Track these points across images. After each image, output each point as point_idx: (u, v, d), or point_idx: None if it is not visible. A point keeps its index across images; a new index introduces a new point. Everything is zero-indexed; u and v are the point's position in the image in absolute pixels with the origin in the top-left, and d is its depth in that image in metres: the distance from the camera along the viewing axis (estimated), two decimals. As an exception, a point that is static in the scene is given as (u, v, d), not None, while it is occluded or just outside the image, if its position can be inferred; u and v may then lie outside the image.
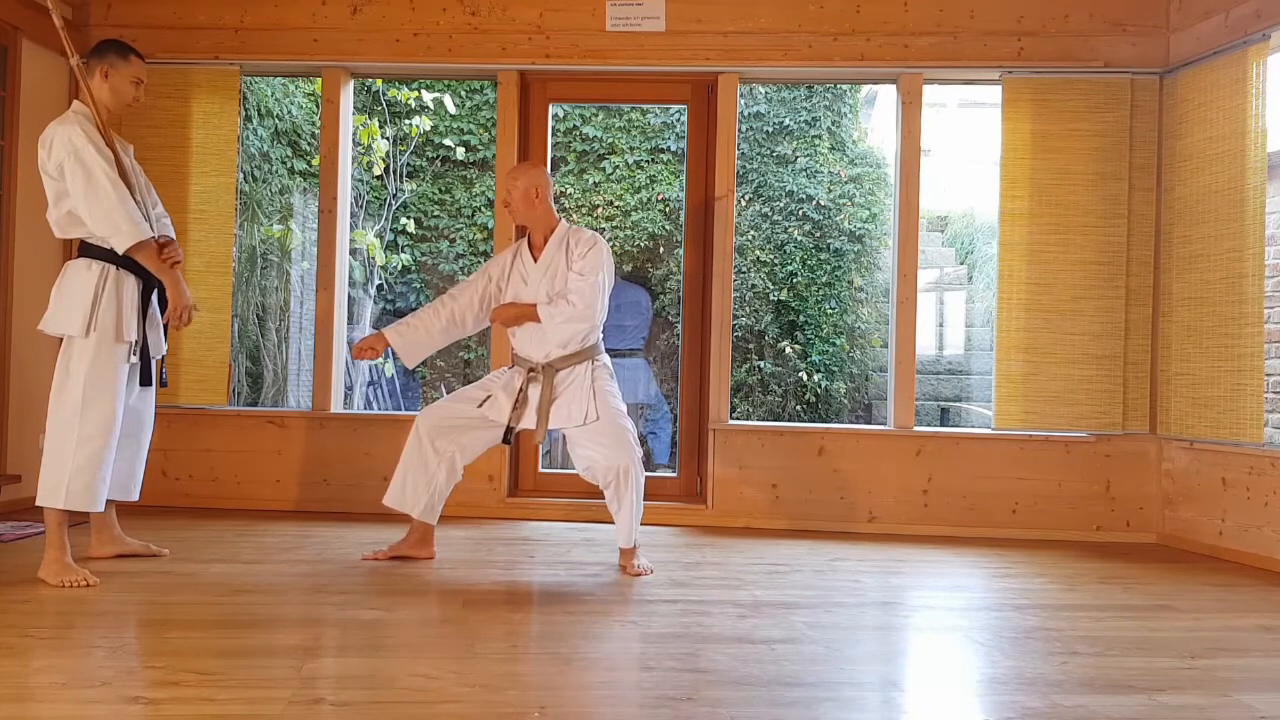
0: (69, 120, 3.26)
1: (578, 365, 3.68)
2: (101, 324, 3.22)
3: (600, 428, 3.62)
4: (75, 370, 3.23)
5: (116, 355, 3.26)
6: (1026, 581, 3.71)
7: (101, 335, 3.23)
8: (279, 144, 7.03)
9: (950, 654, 2.79)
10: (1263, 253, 4.18)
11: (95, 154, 3.20)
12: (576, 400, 3.64)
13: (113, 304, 3.24)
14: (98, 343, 3.22)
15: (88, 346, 3.22)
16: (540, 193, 3.71)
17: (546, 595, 3.35)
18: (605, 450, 3.61)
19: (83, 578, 3.21)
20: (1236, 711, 2.29)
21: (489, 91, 7.84)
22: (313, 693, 2.23)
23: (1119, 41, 4.75)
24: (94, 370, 3.22)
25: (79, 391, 3.20)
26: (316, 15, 4.90)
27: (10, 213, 4.52)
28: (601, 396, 3.65)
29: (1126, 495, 4.70)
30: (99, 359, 3.23)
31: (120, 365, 3.28)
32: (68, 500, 3.21)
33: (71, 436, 3.20)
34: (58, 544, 3.24)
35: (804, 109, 7.98)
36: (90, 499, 3.24)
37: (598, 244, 3.70)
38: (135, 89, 3.41)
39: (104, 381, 3.23)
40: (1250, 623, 3.19)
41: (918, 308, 4.87)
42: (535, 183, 3.70)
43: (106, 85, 3.35)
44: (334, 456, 4.86)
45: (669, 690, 2.34)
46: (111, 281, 3.25)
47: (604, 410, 3.63)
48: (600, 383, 3.68)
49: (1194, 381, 4.44)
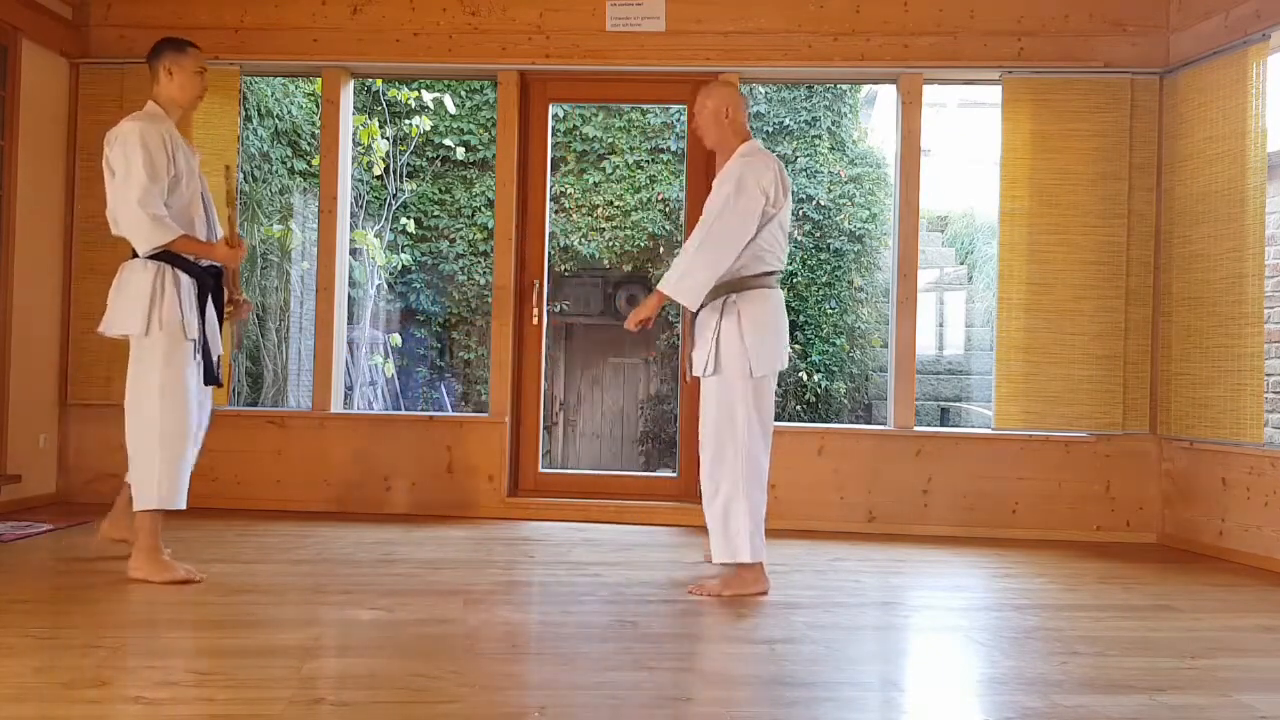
0: (137, 118, 3.28)
1: (714, 301, 3.29)
2: (165, 322, 3.22)
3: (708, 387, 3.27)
4: (147, 371, 3.24)
5: (186, 353, 3.27)
6: (1026, 581, 3.71)
7: (167, 334, 3.23)
8: (279, 144, 7.03)
9: (950, 654, 2.79)
10: (1263, 253, 4.18)
11: (142, 154, 3.19)
12: (701, 344, 3.32)
13: (174, 302, 3.24)
14: (165, 342, 3.23)
15: (156, 346, 3.23)
16: (730, 113, 3.37)
17: (546, 595, 3.34)
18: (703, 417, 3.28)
19: (186, 573, 3.23)
20: (1236, 711, 2.29)
21: (489, 91, 7.84)
22: (313, 693, 2.23)
23: (1119, 41, 4.75)
24: (166, 369, 3.23)
25: (155, 392, 3.22)
26: (316, 15, 4.90)
27: (10, 213, 4.52)
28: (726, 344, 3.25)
29: (1126, 495, 4.70)
30: (169, 358, 3.23)
31: (189, 362, 3.29)
32: (160, 501, 3.22)
33: (154, 438, 3.22)
34: (152, 545, 3.25)
35: (804, 109, 7.98)
36: (178, 497, 3.26)
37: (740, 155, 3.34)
38: (200, 79, 3.42)
39: (177, 380, 3.24)
40: (1250, 623, 3.19)
41: (918, 308, 4.87)
42: (727, 102, 3.38)
43: (174, 83, 3.36)
44: (334, 456, 4.86)
45: (669, 690, 2.34)
46: (169, 280, 3.25)
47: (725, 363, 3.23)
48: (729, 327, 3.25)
49: (1194, 381, 4.44)
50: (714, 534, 3.29)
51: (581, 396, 8.90)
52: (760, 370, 3.26)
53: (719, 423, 3.28)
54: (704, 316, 3.34)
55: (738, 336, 3.25)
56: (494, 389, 4.90)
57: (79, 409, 4.88)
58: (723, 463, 3.27)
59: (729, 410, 3.27)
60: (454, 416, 5.13)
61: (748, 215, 3.27)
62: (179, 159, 3.30)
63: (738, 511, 3.24)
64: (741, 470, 3.25)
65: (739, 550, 3.23)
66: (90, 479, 4.88)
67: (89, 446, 4.89)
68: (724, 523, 3.25)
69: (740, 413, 3.26)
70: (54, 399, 4.84)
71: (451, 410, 7.90)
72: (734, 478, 3.25)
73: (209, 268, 3.37)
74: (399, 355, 7.91)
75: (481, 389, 8.10)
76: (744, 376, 3.25)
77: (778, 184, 3.30)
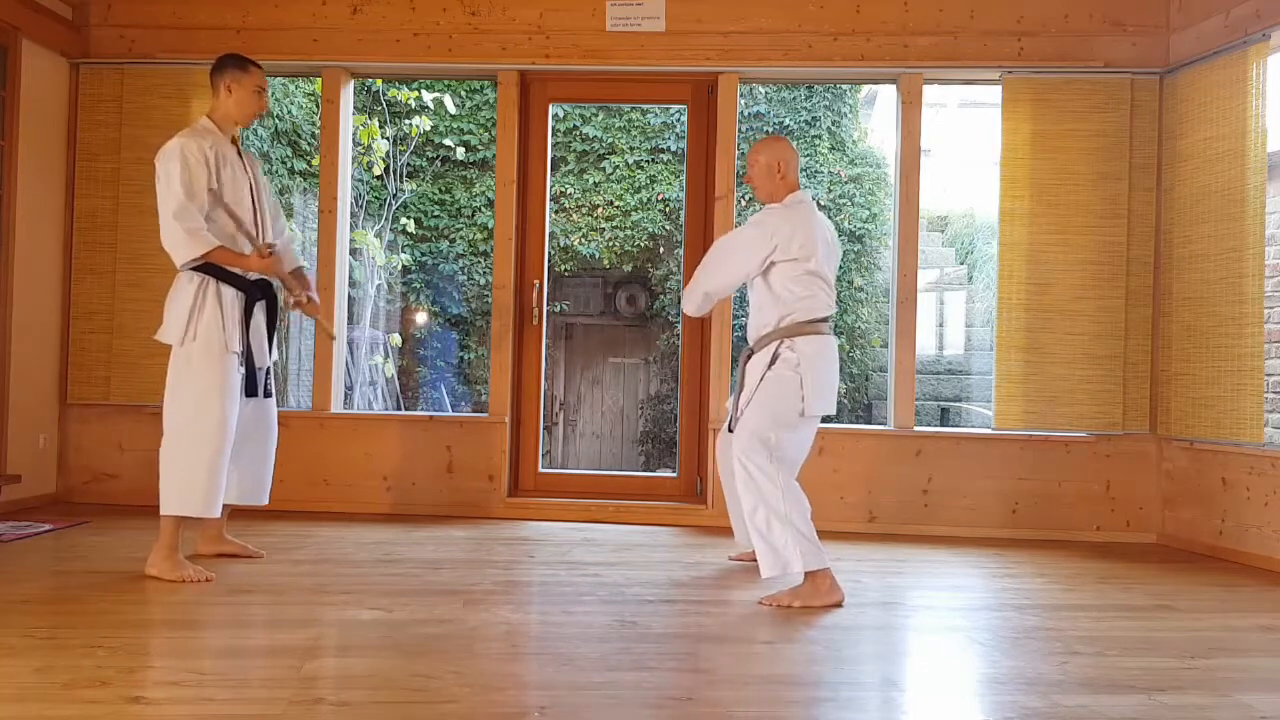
0: (184, 133, 3.35)
1: (767, 346, 3.38)
2: (201, 334, 3.28)
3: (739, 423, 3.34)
4: (181, 379, 3.29)
5: (225, 364, 3.30)
6: (1026, 581, 3.71)
7: (204, 345, 3.28)
8: (279, 144, 7.03)
9: (950, 654, 2.79)
10: (1263, 253, 4.18)
11: (182, 169, 3.25)
12: (746, 387, 3.39)
13: (214, 314, 3.29)
14: (201, 352, 3.28)
15: (191, 356, 3.28)
16: (782, 168, 3.47)
17: (546, 595, 3.34)
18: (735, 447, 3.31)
19: (197, 573, 3.26)
20: (1236, 711, 2.29)
21: (489, 91, 7.85)
22: (313, 693, 2.23)
23: (1119, 41, 4.75)
24: (200, 379, 3.27)
25: (189, 401, 3.27)
26: (316, 15, 4.90)
27: (10, 213, 4.52)
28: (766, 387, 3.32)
29: (1126, 495, 4.70)
30: (204, 368, 3.28)
31: (229, 374, 3.32)
32: (182, 507, 3.27)
33: (181, 445, 3.27)
34: (170, 543, 3.29)
35: (804, 109, 7.99)
36: (204, 505, 3.29)
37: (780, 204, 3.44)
38: (259, 98, 3.46)
39: (210, 390, 3.28)
40: (1250, 623, 3.19)
41: (918, 308, 4.87)
42: (779, 157, 3.48)
43: (232, 99, 3.41)
44: (334, 456, 4.86)
45: (669, 690, 2.34)
46: (211, 293, 3.30)
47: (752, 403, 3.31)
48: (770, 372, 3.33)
49: (1194, 381, 4.44)
50: (760, 552, 3.24)
51: (581, 396, 8.90)
52: (813, 411, 3.31)
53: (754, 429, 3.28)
54: (758, 362, 3.41)
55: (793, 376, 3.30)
56: (494, 389, 4.90)
57: (79, 409, 4.89)
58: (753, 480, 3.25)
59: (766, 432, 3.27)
60: (454, 416, 5.13)
61: (747, 251, 3.40)
62: (224, 174, 3.35)
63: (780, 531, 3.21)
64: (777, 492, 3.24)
65: (790, 561, 3.20)
66: (90, 479, 4.88)
67: (89, 446, 4.89)
68: (767, 538, 3.22)
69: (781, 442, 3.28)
70: (54, 399, 4.84)
71: (451, 410, 7.90)
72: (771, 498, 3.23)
73: (258, 281, 3.42)
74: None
75: (482, 389, 8.10)
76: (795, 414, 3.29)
77: (801, 235, 3.35)
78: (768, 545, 3.21)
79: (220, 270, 3.32)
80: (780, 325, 3.37)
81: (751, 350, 3.46)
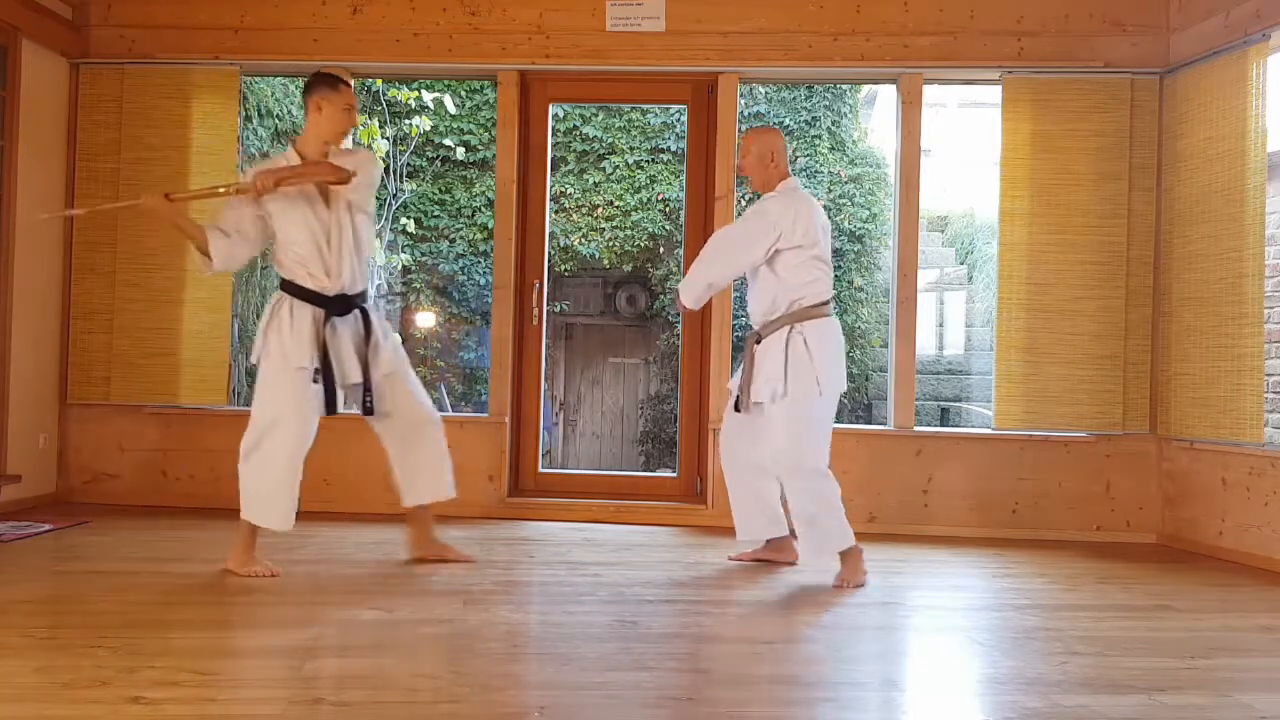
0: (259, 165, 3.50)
1: (777, 331, 3.50)
2: (273, 350, 3.33)
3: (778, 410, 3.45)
4: (258, 395, 3.39)
5: (293, 381, 3.33)
6: (1026, 581, 3.71)
7: (273, 362, 3.33)
8: (279, 144, 7.02)
9: (950, 654, 2.79)
10: (1263, 253, 4.18)
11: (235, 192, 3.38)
12: (768, 372, 3.47)
13: (285, 331, 3.34)
14: (272, 368, 3.34)
15: (266, 372, 3.36)
16: (775, 157, 3.60)
17: (546, 595, 3.35)
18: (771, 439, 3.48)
19: (265, 569, 3.35)
20: (1236, 711, 2.29)
21: (489, 91, 7.85)
22: (313, 693, 2.23)
23: (1119, 41, 4.75)
24: (273, 395, 3.34)
25: (261, 417, 3.35)
26: (316, 15, 4.89)
27: (10, 213, 4.52)
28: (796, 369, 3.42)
29: (1126, 495, 4.70)
30: (273, 384, 3.35)
31: (299, 391, 3.34)
32: (252, 516, 3.37)
33: (254, 457, 3.36)
34: (244, 543, 3.39)
35: (804, 109, 7.99)
36: (274, 517, 3.36)
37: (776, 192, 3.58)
38: (348, 115, 3.50)
39: (282, 406, 3.33)
40: (1250, 623, 3.19)
41: (918, 308, 4.87)
42: (771, 146, 3.61)
43: (322, 116, 3.46)
44: (334, 456, 4.85)
45: (669, 690, 2.34)
46: (283, 311, 3.36)
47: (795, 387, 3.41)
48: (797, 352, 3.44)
49: (1194, 381, 4.44)
50: (804, 539, 3.51)
51: (581, 396, 8.91)
52: (829, 391, 3.47)
53: (792, 439, 3.44)
54: (769, 347, 3.51)
55: (807, 361, 3.44)
56: (494, 389, 4.90)
57: (79, 409, 4.88)
58: (800, 478, 3.45)
59: (801, 428, 3.44)
60: (454, 416, 5.12)
61: (751, 242, 3.53)
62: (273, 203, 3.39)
63: (825, 515, 3.45)
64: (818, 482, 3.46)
65: (846, 538, 3.46)
66: (90, 479, 4.88)
67: (89, 446, 4.88)
68: (812, 527, 3.46)
69: (813, 431, 3.47)
70: (54, 399, 4.84)
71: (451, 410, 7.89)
72: (814, 490, 3.45)
73: (337, 297, 3.41)
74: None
75: (481, 389, 8.10)
76: (814, 397, 3.45)
77: (803, 222, 3.50)
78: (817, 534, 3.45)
79: (295, 288, 3.38)
80: (790, 310, 3.51)
81: (759, 334, 3.58)
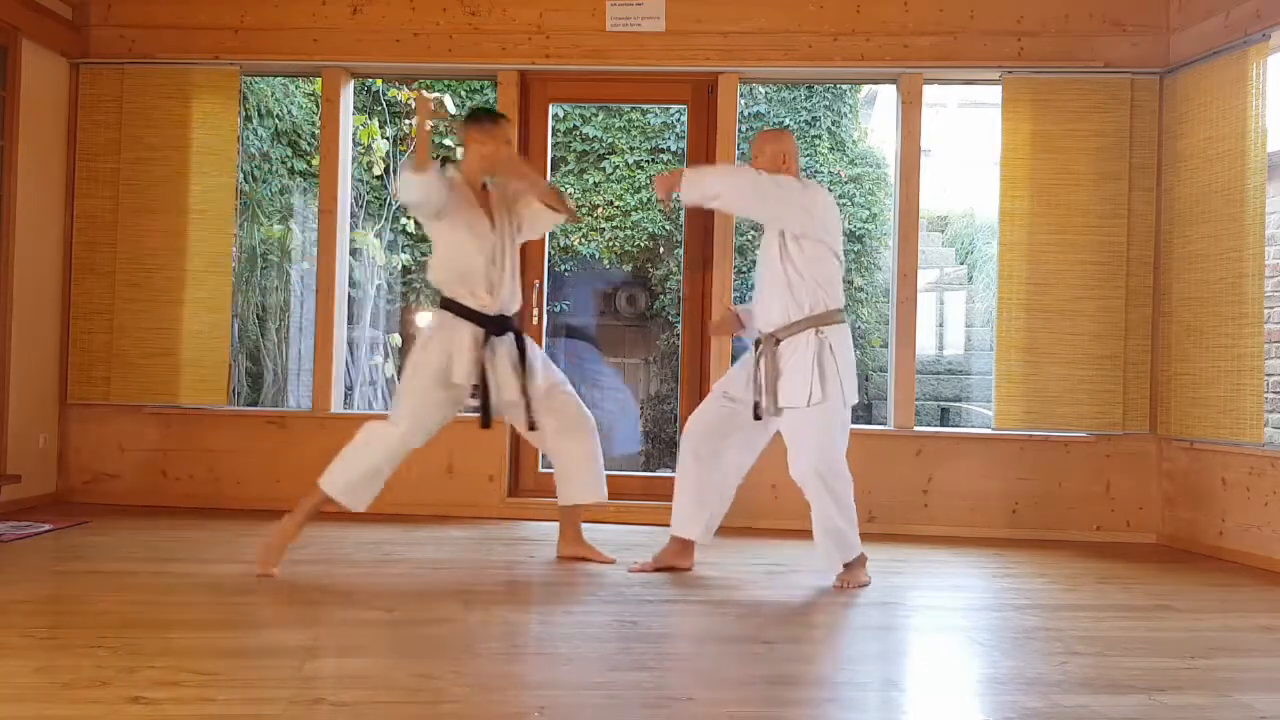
0: None
1: (801, 334, 3.45)
2: (422, 360, 3.48)
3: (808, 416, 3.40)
4: (396, 394, 3.57)
5: (435, 392, 3.48)
6: (1026, 581, 3.71)
7: (419, 372, 3.48)
8: (279, 144, 7.03)
9: (950, 654, 2.79)
10: (1263, 253, 4.18)
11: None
12: (796, 377, 3.42)
13: (440, 346, 3.48)
14: (414, 377, 3.49)
15: (407, 379, 3.52)
16: (787, 159, 3.61)
17: (546, 595, 3.35)
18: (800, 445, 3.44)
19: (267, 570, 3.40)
20: (1236, 711, 2.29)
21: (489, 91, 7.84)
22: (313, 693, 2.23)
23: (1119, 41, 4.75)
24: (406, 399, 3.50)
25: (393, 411, 3.53)
26: (316, 15, 4.89)
27: (10, 213, 4.52)
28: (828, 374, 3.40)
29: (1126, 495, 4.70)
30: (412, 392, 3.49)
31: (442, 403, 3.51)
32: (327, 484, 3.47)
33: (361, 438, 3.49)
34: (285, 532, 3.48)
35: (804, 109, 7.98)
36: (349, 498, 3.48)
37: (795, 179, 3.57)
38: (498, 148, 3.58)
39: (409, 411, 3.48)
40: (1250, 623, 3.19)
41: (918, 308, 4.87)
42: (784, 149, 3.62)
43: (471, 151, 3.58)
44: (334, 456, 4.84)
45: (669, 690, 2.34)
46: (440, 327, 3.52)
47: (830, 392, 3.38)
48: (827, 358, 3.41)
49: (1194, 381, 4.44)
50: (825, 545, 3.49)
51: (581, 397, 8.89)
52: (850, 398, 3.47)
53: (822, 448, 3.43)
54: (793, 350, 3.46)
55: (835, 368, 3.44)
56: (494, 389, 4.89)
57: (79, 409, 4.88)
58: (827, 485, 3.43)
59: (830, 436, 3.44)
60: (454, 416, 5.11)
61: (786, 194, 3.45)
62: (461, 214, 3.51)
63: (846, 523, 3.48)
64: (843, 489, 3.48)
65: (855, 547, 3.51)
66: (90, 479, 4.88)
67: (89, 446, 4.89)
68: (835, 534, 3.47)
69: (840, 437, 3.48)
70: (54, 399, 4.84)
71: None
72: (840, 497, 3.46)
73: (496, 317, 3.52)
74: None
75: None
76: (842, 404, 3.46)
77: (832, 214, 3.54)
78: (838, 541, 3.46)
79: (458, 306, 3.51)
80: (813, 312, 3.46)
81: (777, 337, 3.48)
